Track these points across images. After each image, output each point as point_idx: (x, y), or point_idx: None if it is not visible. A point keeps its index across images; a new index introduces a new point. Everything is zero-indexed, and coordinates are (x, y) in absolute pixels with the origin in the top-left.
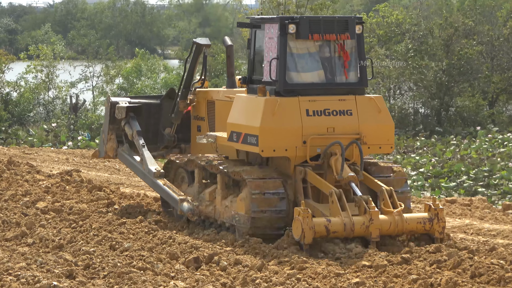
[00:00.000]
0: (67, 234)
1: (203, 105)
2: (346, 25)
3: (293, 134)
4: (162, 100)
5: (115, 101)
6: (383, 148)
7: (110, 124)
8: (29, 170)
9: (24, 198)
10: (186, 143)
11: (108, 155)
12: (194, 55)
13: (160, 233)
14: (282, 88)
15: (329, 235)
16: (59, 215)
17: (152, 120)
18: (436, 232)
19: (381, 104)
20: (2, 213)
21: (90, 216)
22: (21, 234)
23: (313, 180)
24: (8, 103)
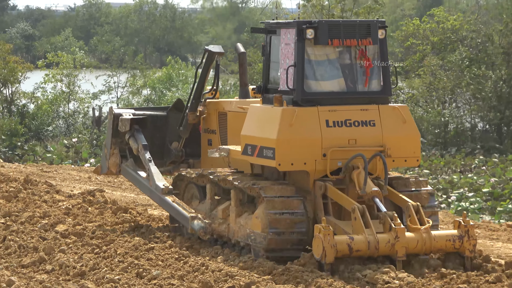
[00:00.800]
0: (90, 260)
1: (214, 117)
2: (368, 30)
3: (312, 147)
4: (169, 112)
5: (118, 113)
6: (408, 161)
7: (113, 137)
8: (47, 190)
9: (42, 221)
10: (194, 158)
11: (110, 171)
12: (206, 64)
13: (191, 260)
14: (300, 98)
15: (352, 254)
16: (81, 239)
17: (158, 133)
18: (467, 250)
19: (406, 114)
20: (19, 237)
21: (114, 240)
22: (39, 260)
23: (334, 195)
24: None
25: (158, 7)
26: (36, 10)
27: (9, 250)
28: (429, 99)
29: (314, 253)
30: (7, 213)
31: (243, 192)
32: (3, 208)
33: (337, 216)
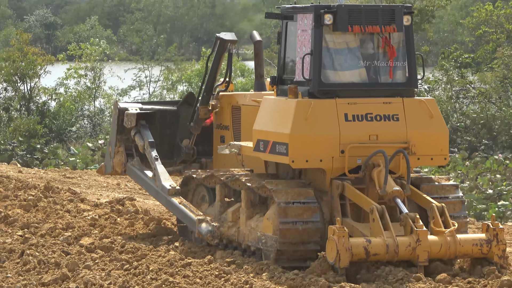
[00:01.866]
0: (119, 278)
1: (228, 112)
2: (392, 15)
3: (329, 142)
4: (180, 107)
5: (124, 107)
6: (435, 159)
7: (118, 134)
8: (71, 198)
9: (65, 233)
10: (207, 157)
11: (115, 171)
12: (218, 53)
13: (233, 277)
14: (316, 89)
15: (369, 258)
16: (109, 254)
17: (167, 130)
18: (495, 256)
19: (434, 108)
20: (38, 252)
21: (147, 255)
22: (61, 277)
23: (352, 195)
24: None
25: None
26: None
27: (28, 266)
28: (503, 95)
29: (327, 256)
30: (25, 225)
31: (254, 192)
32: (21, 219)
33: (356, 218)
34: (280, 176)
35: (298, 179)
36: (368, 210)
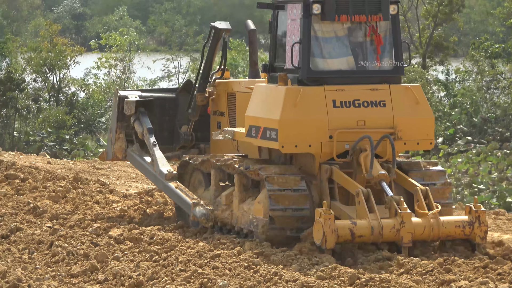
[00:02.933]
0: (148, 269)
1: (224, 98)
2: (378, 5)
3: (317, 128)
4: (178, 94)
5: (124, 95)
6: (421, 144)
7: (119, 121)
8: (100, 190)
9: (94, 224)
10: (205, 143)
11: (116, 157)
12: (213, 42)
13: (263, 269)
14: (305, 76)
15: (355, 239)
16: (138, 245)
17: (166, 116)
18: (477, 237)
19: (420, 94)
20: (67, 243)
21: (176, 246)
22: (90, 268)
23: (339, 179)
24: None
25: None
26: None
27: (57, 258)
28: None
29: (314, 238)
30: (54, 216)
31: (246, 177)
32: (50, 210)
33: (345, 201)
34: (273, 160)
35: (289, 163)
36: (355, 193)
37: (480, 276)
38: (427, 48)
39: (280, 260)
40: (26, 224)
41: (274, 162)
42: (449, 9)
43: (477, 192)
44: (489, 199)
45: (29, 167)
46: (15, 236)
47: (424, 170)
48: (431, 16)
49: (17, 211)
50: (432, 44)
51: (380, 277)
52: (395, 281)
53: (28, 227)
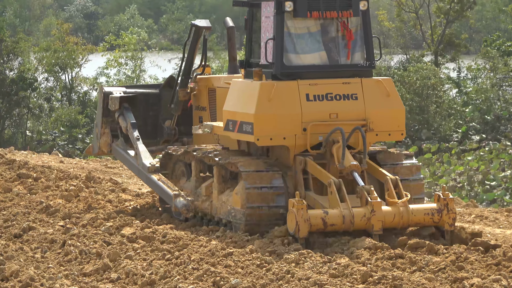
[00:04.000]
0: (160, 268)
1: (205, 94)
2: (349, 1)
3: (291, 121)
4: (162, 90)
5: (109, 91)
6: (392, 135)
7: (104, 116)
8: (112, 188)
9: (107, 223)
10: (188, 137)
11: (102, 151)
12: (193, 39)
13: (275, 267)
14: (279, 71)
15: (327, 228)
16: (150, 244)
17: (150, 111)
18: (446, 224)
19: (390, 87)
20: (80, 242)
21: (188, 245)
22: (103, 267)
23: (313, 170)
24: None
25: None
26: None
27: (69, 257)
28: None
29: (288, 227)
30: (67, 215)
31: (225, 168)
32: (63, 209)
33: (319, 191)
34: (251, 153)
35: (266, 156)
36: (327, 184)
37: (493, 274)
38: (439, 46)
39: (293, 258)
40: (39, 223)
41: (252, 154)
42: (461, 6)
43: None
44: (502, 196)
45: (42, 166)
46: (27, 235)
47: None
48: (443, 14)
49: (29, 210)
50: (444, 41)
51: (393, 275)
52: (407, 279)
53: (40, 226)
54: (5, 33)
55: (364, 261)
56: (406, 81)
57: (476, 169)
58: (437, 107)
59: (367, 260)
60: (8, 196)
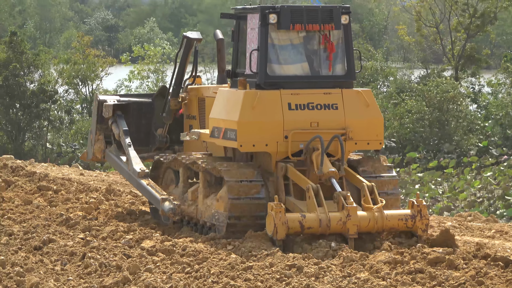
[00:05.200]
0: (180, 281)
1: (195, 103)
2: (330, 15)
3: (273, 129)
4: (154, 99)
5: (103, 99)
6: (371, 144)
7: (98, 123)
8: (132, 201)
9: (127, 236)
10: (179, 145)
11: (96, 157)
12: (185, 50)
13: (295, 281)
14: (263, 81)
15: (304, 231)
16: (170, 256)
17: (143, 120)
18: (419, 229)
19: (370, 98)
20: (100, 254)
21: (208, 258)
22: (122, 280)
23: (293, 176)
24: None
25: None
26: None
27: (89, 269)
28: None
29: (267, 229)
30: (87, 227)
31: (210, 174)
32: (83, 222)
33: (299, 196)
34: (236, 159)
35: (250, 161)
36: (305, 189)
37: None
38: (459, 61)
39: (312, 272)
40: (59, 235)
41: (237, 160)
42: (481, 21)
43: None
44: None
45: (62, 178)
46: (47, 248)
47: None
48: (463, 28)
49: (49, 223)
50: (464, 56)
51: None
52: None
53: (60, 238)
54: (26, 45)
55: (383, 276)
56: (426, 95)
57: (496, 184)
58: (458, 121)
59: (387, 274)
60: (28, 208)
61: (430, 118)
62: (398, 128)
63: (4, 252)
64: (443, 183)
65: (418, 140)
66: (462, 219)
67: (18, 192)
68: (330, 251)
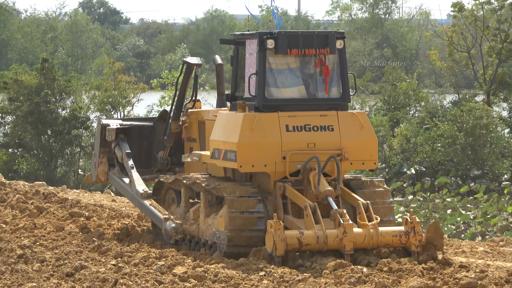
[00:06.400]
0: None
1: (195, 126)
2: (326, 40)
3: (272, 150)
4: (156, 122)
5: (106, 123)
6: (366, 164)
7: (101, 147)
8: None
9: (159, 262)
10: (180, 167)
11: (99, 179)
12: (185, 75)
13: None
14: (261, 104)
15: (302, 247)
16: (202, 283)
17: (145, 142)
18: (413, 245)
19: (364, 119)
20: (132, 281)
21: (240, 284)
22: None
23: (291, 195)
24: None
25: (290, 20)
26: (152, 23)
27: None
28: None
29: (266, 246)
30: (118, 254)
31: (211, 194)
32: (114, 248)
33: (297, 215)
34: (236, 179)
35: (249, 181)
36: (303, 207)
37: None
38: (491, 85)
39: None
40: (91, 262)
41: (237, 180)
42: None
43: None
44: None
45: (94, 205)
46: (79, 274)
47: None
48: (495, 53)
49: (81, 249)
50: (496, 81)
51: None
52: None
53: (92, 265)
54: (57, 72)
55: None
56: (459, 120)
57: None
58: (490, 147)
59: None
60: (60, 234)
61: (463, 143)
62: (430, 153)
63: (37, 279)
64: (475, 208)
65: (449, 165)
66: (494, 244)
67: (50, 219)
68: (362, 276)
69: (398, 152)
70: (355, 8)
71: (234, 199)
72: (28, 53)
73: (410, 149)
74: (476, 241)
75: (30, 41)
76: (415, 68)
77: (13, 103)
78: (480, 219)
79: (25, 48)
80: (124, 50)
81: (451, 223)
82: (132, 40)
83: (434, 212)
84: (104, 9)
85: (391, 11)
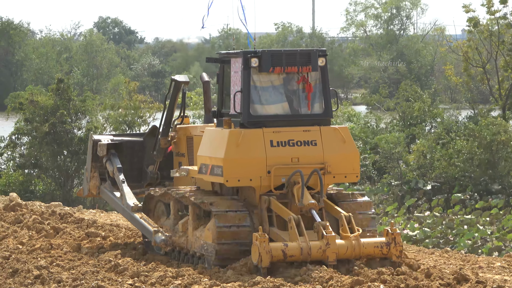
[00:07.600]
0: None
1: (183, 141)
2: (308, 58)
3: (257, 164)
4: (146, 138)
5: (97, 139)
6: (348, 177)
7: (93, 162)
8: None
9: (175, 281)
10: (170, 181)
11: (91, 193)
12: (173, 93)
13: None
14: (246, 120)
15: (286, 259)
16: None
17: (135, 157)
18: (394, 256)
19: (346, 134)
20: None
21: None
22: None
23: (276, 208)
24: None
25: (304, 37)
26: (167, 42)
27: None
28: None
29: (252, 258)
30: (135, 273)
31: (199, 207)
32: (131, 268)
33: (282, 227)
34: (223, 193)
35: (236, 195)
36: (287, 220)
37: None
38: (507, 100)
39: None
40: (108, 282)
41: (224, 194)
42: None
43: None
44: None
45: (110, 225)
46: None
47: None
48: (510, 68)
49: (98, 269)
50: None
51: None
52: None
53: (109, 285)
54: (72, 92)
55: None
56: (477, 134)
57: None
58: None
59: None
60: (76, 255)
61: (480, 158)
62: (447, 169)
63: None
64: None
65: (466, 181)
66: (511, 259)
67: (67, 239)
68: None
69: (415, 168)
70: (369, 25)
71: (221, 213)
72: (44, 74)
73: (427, 165)
74: (493, 256)
75: (46, 61)
76: (431, 84)
77: (29, 124)
78: (497, 234)
79: (40, 69)
80: (139, 70)
81: (468, 238)
82: (147, 59)
83: (449, 228)
84: (119, 29)
85: (406, 27)
